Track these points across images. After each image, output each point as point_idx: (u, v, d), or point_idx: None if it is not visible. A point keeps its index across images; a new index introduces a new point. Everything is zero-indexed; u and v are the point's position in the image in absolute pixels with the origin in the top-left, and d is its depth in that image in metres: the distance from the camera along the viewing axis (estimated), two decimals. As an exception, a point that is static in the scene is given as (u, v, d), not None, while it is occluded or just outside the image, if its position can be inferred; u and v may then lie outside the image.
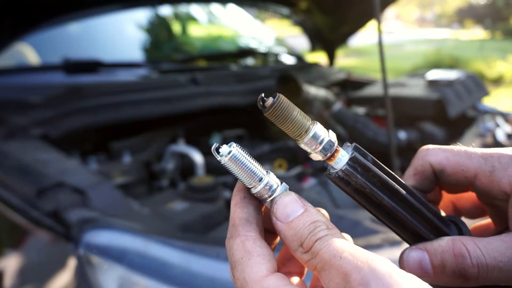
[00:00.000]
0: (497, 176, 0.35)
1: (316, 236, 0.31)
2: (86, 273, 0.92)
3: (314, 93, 2.12)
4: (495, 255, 0.32)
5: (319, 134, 0.34)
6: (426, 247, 0.35)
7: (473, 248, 0.33)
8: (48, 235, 1.08)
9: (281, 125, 0.34)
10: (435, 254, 0.34)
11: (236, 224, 0.34)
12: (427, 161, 0.39)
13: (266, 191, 0.34)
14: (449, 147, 0.39)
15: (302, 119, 0.34)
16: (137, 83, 2.04)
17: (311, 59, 3.20)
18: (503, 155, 0.35)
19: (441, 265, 0.34)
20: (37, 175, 1.20)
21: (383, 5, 2.59)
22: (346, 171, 0.35)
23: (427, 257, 0.35)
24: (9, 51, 1.93)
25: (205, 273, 0.89)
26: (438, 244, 0.35)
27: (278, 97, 0.33)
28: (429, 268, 0.35)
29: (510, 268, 0.32)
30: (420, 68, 9.09)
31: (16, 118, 1.56)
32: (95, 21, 2.29)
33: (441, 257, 0.34)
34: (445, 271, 0.34)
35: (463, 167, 0.37)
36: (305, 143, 0.34)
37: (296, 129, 0.34)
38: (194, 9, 3.11)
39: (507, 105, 6.57)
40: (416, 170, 0.40)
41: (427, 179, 0.40)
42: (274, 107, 0.33)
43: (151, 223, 1.13)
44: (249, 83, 2.26)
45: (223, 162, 0.33)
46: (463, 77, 2.42)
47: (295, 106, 0.34)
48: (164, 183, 1.76)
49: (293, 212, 0.32)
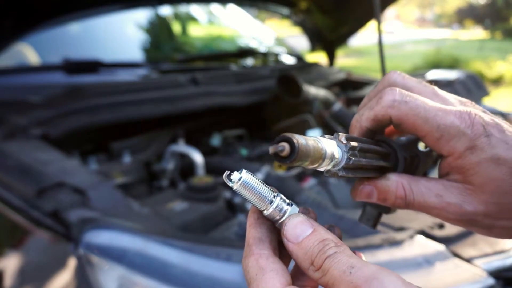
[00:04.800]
0: (440, 144, 0.39)
1: (325, 254, 0.32)
2: (86, 273, 0.92)
3: (314, 93, 2.12)
4: (420, 200, 0.40)
5: (331, 154, 0.36)
6: (376, 183, 0.42)
7: (409, 193, 0.40)
8: (48, 235, 1.09)
9: (302, 162, 0.33)
10: (381, 191, 0.41)
11: (250, 243, 0.36)
12: (388, 114, 0.41)
13: (277, 213, 0.36)
14: (412, 99, 0.40)
15: (317, 149, 0.34)
16: (137, 83, 2.04)
17: (311, 59, 3.20)
18: (453, 125, 0.38)
19: (383, 199, 0.42)
20: (37, 175, 1.20)
21: (383, 5, 2.59)
22: (351, 156, 0.37)
23: (375, 192, 0.42)
24: (9, 51, 1.93)
25: (205, 273, 0.89)
26: (385, 184, 0.41)
27: (297, 138, 0.32)
28: (373, 199, 0.42)
29: (427, 209, 0.40)
30: (420, 68, 9.09)
31: (16, 118, 1.56)
32: (95, 21, 2.29)
33: (384, 195, 0.41)
34: (384, 202, 0.42)
35: (417, 128, 0.40)
36: (322, 168, 0.36)
37: (314, 159, 0.34)
38: (194, 9, 3.11)
39: (507, 105, 6.57)
40: (376, 117, 0.42)
41: (382, 127, 0.43)
42: (299, 149, 0.31)
43: (151, 223, 1.13)
44: (249, 83, 2.26)
45: (235, 188, 0.35)
46: (463, 77, 2.42)
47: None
48: (164, 183, 1.76)
49: (303, 233, 0.34)
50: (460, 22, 26.72)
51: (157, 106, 1.85)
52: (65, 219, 1.02)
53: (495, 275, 1.02)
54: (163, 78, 2.18)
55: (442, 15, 31.63)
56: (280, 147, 0.31)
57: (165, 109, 1.86)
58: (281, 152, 0.31)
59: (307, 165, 0.34)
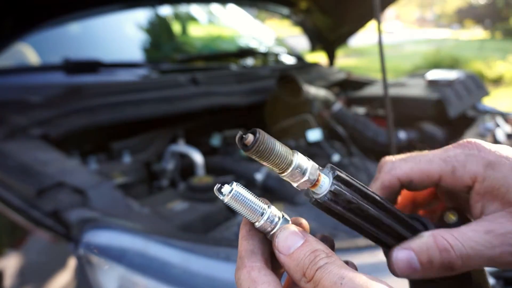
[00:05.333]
0: (459, 174, 0.38)
1: (316, 265, 0.32)
2: (86, 273, 0.92)
3: (314, 93, 2.12)
4: (472, 245, 0.35)
5: (302, 165, 0.35)
6: (411, 246, 0.37)
7: (453, 241, 0.36)
8: (48, 235, 1.08)
9: (264, 161, 0.34)
10: (421, 252, 0.37)
11: (242, 256, 0.36)
12: (394, 176, 0.40)
13: (268, 225, 0.36)
14: (409, 157, 0.41)
15: (284, 152, 0.34)
16: (137, 83, 2.03)
17: (311, 59, 3.20)
18: (458, 153, 0.38)
19: (428, 261, 0.36)
20: (37, 175, 1.20)
21: (383, 5, 2.58)
22: (335, 190, 0.35)
23: (414, 256, 0.37)
24: (9, 51, 1.93)
25: (205, 273, 0.89)
26: (421, 242, 0.37)
27: (259, 134, 0.33)
28: (417, 266, 0.37)
29: (486, 253, 0.35)
30: (420, 68, 9.09)
31: (16, 118, 1.56)
32: (95, 21, 2.29)
33: (427, 255, 0.36)
34: (432, 266, 0.36)
35: (427, 173, 0.39)
36: (288, 175, 0.35)
37: (279, 163, 0.34)
38: (194, 9, 3.11)
39: (507, 105, 6.56)
40: (384, 185, 0.41)
41: (394, 192, 0.42)
42: (257, 145, 0.33)
43: (151, 223, 1.13)
44: (249, 83, 2.26)
45: (226, 201, 0.35)
46: (463, 77, 2.42)
47: (276, 140, 0.34)
48: (164, 183, 1.75)
49: (294, 244, 0.34)
50: (460, 22, 26.71)
51: (157, 106, 1.85)
52: (65, 219, 1.02)
53: (495, 275, 1.01)
54: (163, 78, 2.18)
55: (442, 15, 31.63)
56: (246, 136, 0.33)
57: (165, 109, 1.86)
58: (245, 140, 0.33)
59: (270, 166, 0.34)
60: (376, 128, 2.17)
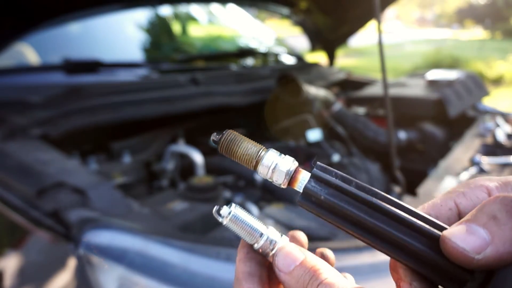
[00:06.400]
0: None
1: (317, 280, 0.32)
2: (86, 273, 0.92)
3: (314, 93, 2.12)
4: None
5: (270, 161, 0.35)
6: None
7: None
8: (48, 235, 1.08)
9: (235, 158, 0.35)
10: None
11: (240, 278, 0.36)
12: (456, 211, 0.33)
13: (267, 246, 0.36)
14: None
15: (253, 150, 0.35)
16: (137, 83, 2.04)
17: (311, 59, 3.20)
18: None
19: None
20: (37, 175, 1.20)
21: (383, 5, 2.59)
22: (308, 190, 0.34)
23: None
24: (9, 51, 1.93)
25: (205, 273, 0.89)
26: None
27: (226, 133, 0.35)
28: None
29: None
30: (420, 68, 9.09)
31: (16, 118, 1.56)
32: (95, 21, 2.29)
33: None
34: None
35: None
36: (259, 172, 0.35)
37: (248, 160, 0.35)
38: (194, 9, 3.11)
39: (507, 105, 6.56)
40: (440, 213, 0.33)
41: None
42: (222, 142, 0.35)
43: (151, 223, 1.13)
44: (249, 83, 2.26)
45: (225, 223, 0.35)
46: (463, 77, 2.42)
47: (246, 139, 0.35)
48: (164, 183, 1.76)
49: (294, 261, 0.34)
50: (460, 22, 26.70)
51: (157, 106, 1.85)
52: (65, 219, 1.02)
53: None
54: (163, 78, 2.18)
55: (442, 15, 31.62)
56: (218, 135, 0.36)
57: (165, 109, 1.86)
58: (215, 137, 0.36)
59: (242, 163, 0.35)
60: (376, 128, 2.17)
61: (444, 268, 0.29)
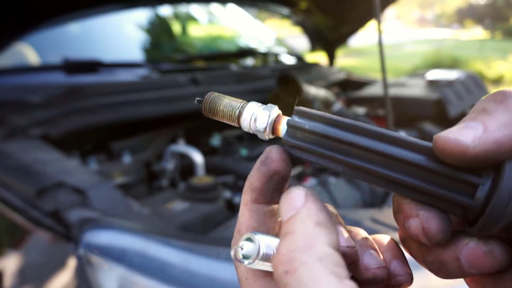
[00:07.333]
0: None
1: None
2: (86, 273, 0.92)
3: (314, 93, 2.12)
4: None
5: (250, 112, 0.34)
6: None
7: None
8: (48, 235, 1.08)
9: (217, 117, 0.36)
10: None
11: (242, 232, 0.32)
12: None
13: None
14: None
15: (233, 104, 0.35)
16: (137, 83, 2.04)
17: (311, 59, 3.20)
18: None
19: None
20: (37, 175, 1.20)
21: (383, 5, 2.59)
22: (291, 123, 0.32)
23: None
24: (9, 51, 1.93)
25: (205, 273, 0.89)
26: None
27: (209, 94, 0.36)
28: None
29: None
30: (420, 68, 9.09)
31: (16, 118, 1.56)
32: (95, 21, 2.29)
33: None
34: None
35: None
36: (242, 126, 0.35)
37: (228, 116, 0.35)
38: (194, 9, 3.11)
39: (507, 105, 6.55)
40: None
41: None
42: (204, 103, 0.36)
43: (151, 223, 1.13)
44: (249, 83, 2.26)
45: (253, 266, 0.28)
46: (463, 77, 2.42)
47: (225, 96, 0.36)
48: (164, 183, 1.75)
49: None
50: (460, 22, 26.70)
51: (157, 106, 1.85)
52: (65, 219, 1.02)
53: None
54: (163, 78, 2.18)
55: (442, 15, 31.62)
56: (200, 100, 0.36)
57: (165, 109, 1.86)
58: (198, 99, 0.36)
59: (226, 121, 0.35)
60: (376, 128, 2.17)
61: (446, 185, 0.28)
